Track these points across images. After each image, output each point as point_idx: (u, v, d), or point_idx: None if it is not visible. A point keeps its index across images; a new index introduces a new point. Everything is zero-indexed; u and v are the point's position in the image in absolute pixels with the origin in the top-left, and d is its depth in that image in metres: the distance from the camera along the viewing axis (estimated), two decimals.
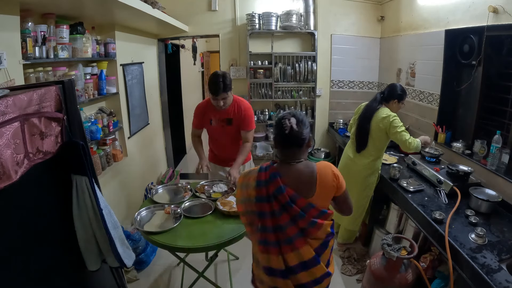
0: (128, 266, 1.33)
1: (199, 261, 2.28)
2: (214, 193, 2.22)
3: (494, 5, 1.88)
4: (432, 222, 1.65)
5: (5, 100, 0.90)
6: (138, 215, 1.91)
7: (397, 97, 2.29)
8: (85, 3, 1.86)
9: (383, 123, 2.22)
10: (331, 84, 3.94)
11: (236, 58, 3.84)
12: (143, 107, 3.36)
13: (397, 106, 2.32)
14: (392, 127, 2.19)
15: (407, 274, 1.78)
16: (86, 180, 1.17)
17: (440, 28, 2.48)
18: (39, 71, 1.79)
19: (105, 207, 1.22)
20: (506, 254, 1.39)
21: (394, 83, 2.40)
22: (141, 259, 2.40)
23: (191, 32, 3.82)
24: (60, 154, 1.15)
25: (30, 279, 1.02)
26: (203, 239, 1.70)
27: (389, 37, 3.55)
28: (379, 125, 2.24)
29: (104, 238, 1.23)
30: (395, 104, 2.31)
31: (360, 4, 3.71)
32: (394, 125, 2.18)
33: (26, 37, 1.66)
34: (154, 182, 3.63)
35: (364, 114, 2.37)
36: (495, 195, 1.75)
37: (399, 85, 2.34)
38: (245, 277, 2.37)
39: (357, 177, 2.41)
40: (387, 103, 2.33)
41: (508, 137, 1.97)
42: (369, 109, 2.35)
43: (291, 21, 3.44)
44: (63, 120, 1.16)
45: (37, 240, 1.07)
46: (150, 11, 2.36)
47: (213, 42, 6.49)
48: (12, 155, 0.91)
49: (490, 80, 2.13)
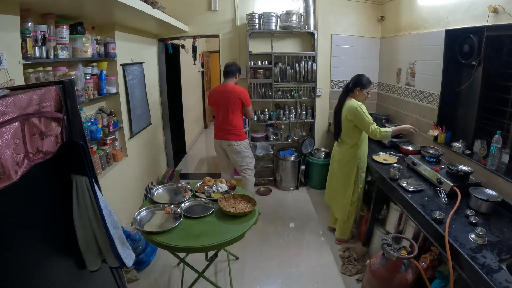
0: (128, 266, 1.33)
1: (199, 261, 2.29)
2: (214, 193, 2.22)
3: (494, 5, 1.88)
4: (432, 222, 1.65)
5: (5, 100, 0.90)
6: (138, 215, 1.91)
7: (359, 85, 2.46)
8: (85, 3, 1.86)
9: (350, 114, 2.42)
10: (331, 84, 3.95)
11: (236, 58, 3.84)
12: (144, 107, 3.36)
13: (361, 94, 2.48)
14: (358, 117, 2.38)
15: (407, 274, 1.78)
16: (86, 180, 1.17)
17: (440, 28, 2.48)
18: (39, 71, 1.79)
19: (105, 207, 1.22)
20: (506, 254, 1.39)
21: (361, 74, 2.54)
22: (141, 259, 2.41)
23: (191, 32, 3.82)
24: (60, 154, 1.15)
25: (30, 279, 1.02)
26: (203, 239, 1.70)
27: (389, 37, 3.55)
28: (348, 116, 2.44)
29: (104, 238, 1.23)
30: (358, 92, 2.48)
31: (360, 4, 3.71)
32: (359, 115, 2.37)
33: (26, 37, 1.66)
34: (154, 182, 3.63)
35: (336, 106, 2.61)
36: (495, 195, 1.75)
37: (366, 76, 2.51)
38: (245, 277, 2.38)
39: (339, 164, 2.64)
40: (352, 93, 2.51)
41: (508, 137, 1.97)
42: (339, 101, 2.59)
43: (291, 21, 3.44)
44: (63, 120, 1.16)
45: (37, 240, 1.07)
46: (150, 11, 2.36)
47: (213, 42, 6.51)
48: (12, 155, 0.91)
49: (490, 80, 2.13)
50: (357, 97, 2.48)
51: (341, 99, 2.57)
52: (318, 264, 2.52)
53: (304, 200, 3.67)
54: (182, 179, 4.16)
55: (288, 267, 2.49)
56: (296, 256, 2.64)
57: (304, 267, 2.49)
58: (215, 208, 2.01)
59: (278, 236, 2.96)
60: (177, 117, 4.95)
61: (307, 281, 2.34)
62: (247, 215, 1.94)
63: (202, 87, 7.32)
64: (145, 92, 3.39)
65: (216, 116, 3.12)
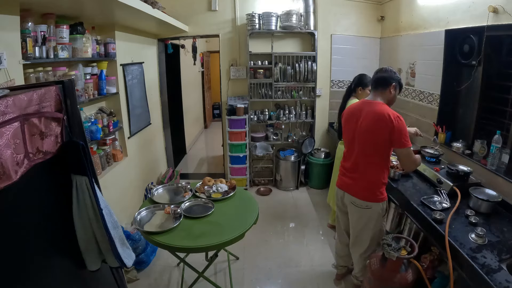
0: (128, 266, 1.33)
1: (199, 261, 2.29)
2: (214, 193, 2.22)
3: (494, 5, 1.88)
4: (432, 222, 1.65)
5: (5, 100, 0.90)
6: (138, 215, 1.92)
7: (361, 84, 2.46)
8: (85, 3, 1.86)
9: None
10: (331, 84, 3.95)
11: (236, 58, 3.84)
12: (144, 107, 3.36)
13: (363, 93, 2.47)
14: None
15: (407, 274, 1.78)
16: (86, 180, 1.17)
17: (440, 28, 2.48)
18: (39, 71, 1.79)
19: (105, 207, 1.22)
20: (506, 254, 1.39)
21: (363, 73, 2.54)
22: (141, 259, 2.40)
23: (191, 32, 3.82)
24: (60, 154, 1.15)
25: (30, 279, 1.02)
26: (203, 239, 1.71)
27: (389, 37, 3.55)
28: None
29: (104, 238, 1.23)
30: (361, 91, 2.48)
31: (360, 4, 3.71)
32: None
33: (26, 37, 1.65)
34: (154, 182, 3.63)
35: (339, 107, 2.59)
36: (495, 195, 1.75)
37: (368, 75, 2.49)
38: (245, 277, 2.38)
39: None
40: (355, 93, 2.51)
41: (508, 137, 1.97)
42: (342, 102, 2.58)
43: (291, 21, 3.44)
44: (63, 120, 1.16)
45: (37, 240, 1.07)
46: (150, 11, 2.36)
47: (213, 42, 6.50)
48: (12, 155, 0.91)
49: (490, 80, 2.13)
50: (360, 97, 2.47)
51: (344, 100, 2.57)
52: (318, 264, 2.52)
53: (304, 200, 3.67)
54: (182, 179, 4.16)
55: (288, 267, 2.49)
56: (296, 256, 2.64)
57: (304, 267, 2.49)
58: (215, 208, 2.01)
59: (278, 236, 2.96)
60: (177, 117, 4.95)
61: (307, 281, 2.34)
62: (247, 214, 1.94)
63: (202, 87, 7.32)
64: (145, 92, 3.39)
65: (346, 148, 2.01)
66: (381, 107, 1.73)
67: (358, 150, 1.83)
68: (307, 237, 2.92)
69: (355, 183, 1.87)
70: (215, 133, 6.92)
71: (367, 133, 1.76)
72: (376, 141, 1.73)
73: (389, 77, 1.79)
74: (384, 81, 1.80)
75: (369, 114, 1.75)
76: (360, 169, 1.84)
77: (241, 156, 3.80)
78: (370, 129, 1.74)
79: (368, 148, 1.78)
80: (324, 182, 3.90)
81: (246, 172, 3.89)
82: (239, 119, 3.65)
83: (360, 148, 1.82)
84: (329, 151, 3.90)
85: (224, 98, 3.95)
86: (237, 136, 3.71)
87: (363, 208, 1.85)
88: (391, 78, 1.79)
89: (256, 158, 4.07)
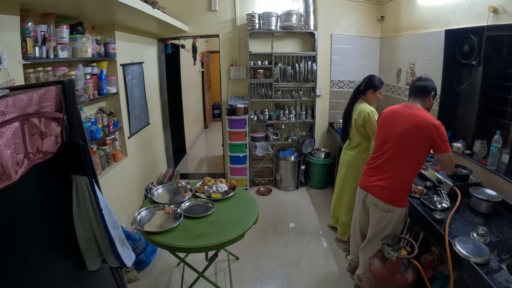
0: (128, 266, 1.33)
1: (199, 261, 2.29)
2: (214, 193, 2.22)
3: (494, 5, 1.88)
4: (432, 222, 1.65)
5: (5, 100, 0.90)
6: (138, 215, 1.92)
7: (372, 86, 2.39)
8: (85, 3, 1.86)
9: (360, 119, 2.37)
10: (331, 84, 3.95)
11: (236, 58, 3.84)
12: (143, 107, 3.36)
13: (374, 96, 2.42)
14: (368, 123, 2.32)
15: (407, 274, 1.78)
16: (86, 180, 1.17)
17: (440, 28, 2.48)
18: (39, 71, 1.79)
19: (105, 207, 1.22)
20: (506, 254, 1.39)
21: (373, 74, 2.50)
22: (141, 259, 2.40)
23: (191, 32, 3.82)
24: (60, 154, 1.15)
25: (30, 279, 1.02)
26: (203, 239, 1.71)
27: (389, 37, 3.55)
28: (357, 120, 2.38)
29: (104, 238, 1.23)
30: (371, 94, 2.41)
31: (360, 4, 3.71)
32: (369, 122, 2.31)
33: (26, 37, 1.65)
34: (154, 182, 3.63)
35: (345, 109, 2.54)
36: (495, 195, 1.75)
37: (377, 76, 2.46)
38: (245, 277, 2.38)
39: (349, 168, 2.56)
40: (364, 95, 2.44)
41: (508, 137, 1.97)
42: (348, 103, 2.52)
43: (291, 21, 3.44)
44: (63, 120, 1.16)
45: (37, 240, 1.07)
46: (150, 11, 2.36)
47: (213, 42, 6.50)
48: (12, 155, 0.91)
49: (490, 80, 2.13)
50: (370, 100, 2.41)
51: (351, 101, 2.49)
52: (318, 264, 2.52)
53: (304, 200, 3.67)
54: (182, 179, 4.16)
55: (288, 267, 2.49)
56: (296, 256, 2.64)
57: (304, 267, 2.49)
58: (215, 208, 2.01)
59: (278, 236, 2.96)
60: (177, 117, 4.95)
61: (307, 281, 2.34)
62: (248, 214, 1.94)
63: (202, 87, 7.32)
64: (144, 92, 3.39)
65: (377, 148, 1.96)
66: (424, 113, 1.75)
67: (392, 152, 1.81)
68: (307, 237, 2.92)
69: (382, 185, 1.84)
70: (215, 133, 6.92)
71: (406, 137, 1.74)
72: (415, 146, 1.73)
73: (430, 86, 1.82)
74: (425, 89, 1.81)
75: (411, 119, 1.74)
76: (391, 171, 1.82)
77: (241, 156, 3.80)
78: (410, 133, 1.73)
79: (406, 151, 1.76)
80: (324, 182, 3.90)
81: (246, 172, 3.89)
82: (239, 119, 3.65)
83: (395, 150, 1.80)
84: (329, 151, 3.90)
85: (224, 98, 3.95)
86: (237, 136, 3.71)
87: (385, 211, 1.83)
88: (431, 88, 1.82)
89: (256, 158, 4.07)
